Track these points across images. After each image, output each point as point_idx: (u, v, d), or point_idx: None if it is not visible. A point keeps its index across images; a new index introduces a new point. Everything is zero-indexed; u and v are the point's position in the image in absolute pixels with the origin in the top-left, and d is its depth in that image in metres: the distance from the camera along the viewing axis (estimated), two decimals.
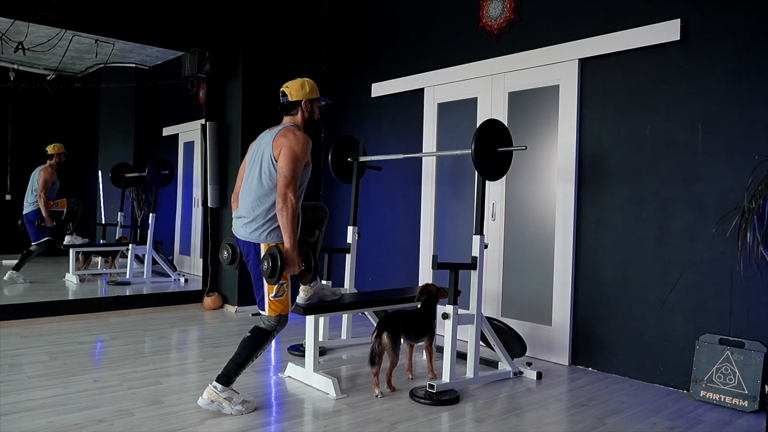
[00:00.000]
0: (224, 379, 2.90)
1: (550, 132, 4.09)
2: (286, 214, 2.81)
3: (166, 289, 6.05)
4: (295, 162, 2.85)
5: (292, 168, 2.84)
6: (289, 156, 2.85)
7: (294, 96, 3.07)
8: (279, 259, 2.81)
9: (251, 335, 2.96)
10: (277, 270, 2.81)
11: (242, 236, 2.99)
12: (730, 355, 3.19)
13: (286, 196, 2.81)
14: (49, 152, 5.85)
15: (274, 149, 2.91)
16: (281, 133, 2.96)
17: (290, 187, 2.82)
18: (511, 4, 4.31)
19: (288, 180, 2.82)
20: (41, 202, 5.72)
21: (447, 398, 3.15)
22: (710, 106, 3.35)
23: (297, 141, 2.89)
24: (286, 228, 2.83)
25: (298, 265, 2.90)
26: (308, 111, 3.10)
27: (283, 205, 2.81)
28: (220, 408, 2.88)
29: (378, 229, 5.41)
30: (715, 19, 3.33)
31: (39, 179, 5.77)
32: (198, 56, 5.39)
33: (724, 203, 3.27)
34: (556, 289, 4.01)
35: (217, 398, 2.87)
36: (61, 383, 3.24)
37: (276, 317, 2.96)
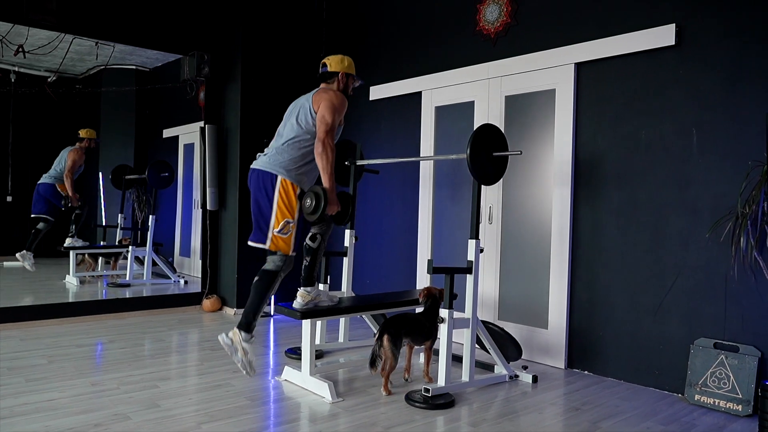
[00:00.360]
0: (245, 326, 3.15)
1: (547, 136, 4.10)
2: (325, 157, 3.08)
3: (166, 290, 6.07)
4: (335, 112, 3.14)
5: (333, 116, 3.12)
6: (329, 107, 3.13)
7: (333, 67, 3.39)
8: (323, 198, 3.08)
9: (259, 278, 3.19)
10: (320, 207, 3.08)
11: (262, 166, 3.20)
12: (725, 359, 3.20)
13: (325, 141, 3.08)
14: (81, 135, 5.95)
15: (313, 103, 3.20)
16: (321, 90, 3.28)
17: (329, 134, 3.10)
18: (507, 9, 4.32)
19: (328, 127, 3.10)
20: (68, 183, 5.80)
21: (442, 402, 3.17)
22: (704, 111, 3.36)
23: (336, 96, 3.22)
24: (326, 169, 3.09)
25: (337, 205, 3.17)
26: (343, 83, 3.40)
27: (323, 149, 3.08)
28: (234, 352, 3.14)
29: (376, 231, 5.43)
30: (709, 24, 3.34)
31: (67, 159, 5.85)
32: (197, 59, 5.41)
33: (718, 208, 3.28)
34: (553, 292, 4.03)
35: (238, 344, 3.14)
36: (58, 387, 3.26)
37: (283, 256, 3.18)
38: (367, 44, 5.58)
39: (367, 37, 5.58)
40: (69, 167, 5.83)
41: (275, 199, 3.15)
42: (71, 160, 5.85)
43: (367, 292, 5.35)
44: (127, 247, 6.30)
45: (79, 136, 5.96)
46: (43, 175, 5.87)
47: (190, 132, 6.48)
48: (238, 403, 3.12)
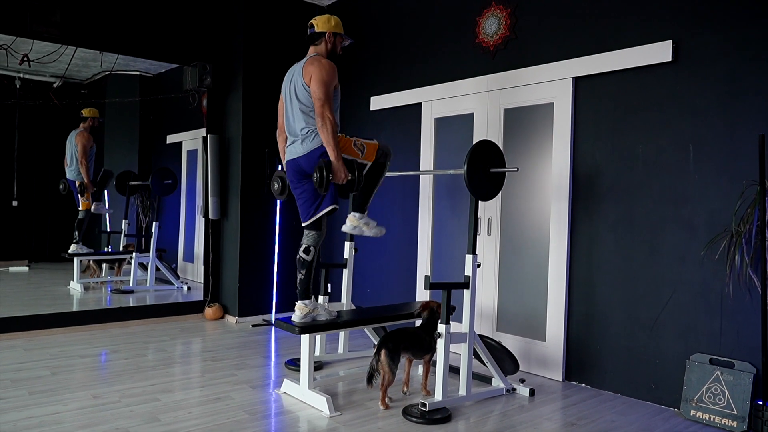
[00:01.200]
0: (359, 207, 3.55)
1: (545, 149, 4.12)
2: (326, 130, 3.22)
3: (169, 296, 6.12)
4: (326, 84, 3.25)
5: (324, 90, 3.24)
6: (318, 80, 3.24)
7: (320, 27, 3.48)
8: (326, 170, 3.22)
9: (370, 169, 3.50)
10: (325, 179, 3.22)
11: (303, 152, 3.36)
12: (720, 375, 3.22)
13: (323, 114, 3.22)
14: (84, 115, 6.00)
15: (304, 77, 3.32)
16: (308, 62, 3.37)
17: (326, 107, 3.22)
18: (506, 22, 4.34)
19: (322, 100, 3.23)
20: (83, 169, 5.89)
21: (439, 417, 3.20)
22: (701, 128, 3.38)
23: (323, 67, 3.30)
24: (329, 142, 3.22)
25: (345, 173, 3.28)
26: (331, 43, 3.50)
27: (323, 123, 3.22)
28: (361, 232, 3.56)
29: (375, 243, 5.45)
30: (706, 41, 3.35)
31: (77, 145, 5.90)
32: (199, 70, 5.45)
33: (713, 224, 3.30)
34: (551, 305, 4.05)
35: (358, 224, 3.52)
36: (60, 400, 3.31)
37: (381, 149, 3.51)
38: (368, 55, 5.61)
39: (367, 48, 5.61)
40: (81, 153, 5.88)
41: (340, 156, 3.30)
42: (81, 144, 5.89)
43: (367, 303, 5.39)
44: (132, 253, 6.36)
45: (82, 115, 5.99)
46: (67, 170, 5.91)
47: (194, 138, 6.52)
48: (237, 417, 3.16)
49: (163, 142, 6.93)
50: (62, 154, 6.03)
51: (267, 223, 5.65)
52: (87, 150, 5.91)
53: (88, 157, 5.91)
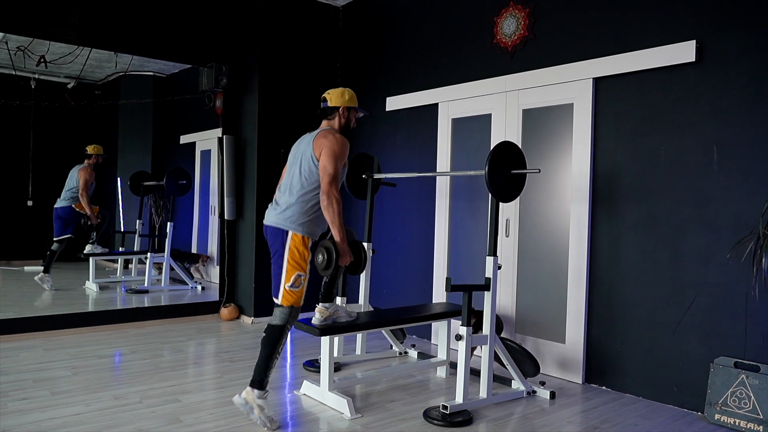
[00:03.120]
0: (257, 383, 3.03)
1: (564, 150, 4.09)
2: (332, 209, 3.00)
3: (184, 296, 6.15)
4: (336, 160, 3.03)
5: (334, 165, 3.02)
6: (330, 155, 3.02)
7: (333, 102, 3.26)
8: (334, 252, 3.04)
9: (267, 335, 3.08)
10: (333, 262, 3.05)
11: (273, 222, 3.13)
12: (746, 378, 3.18)
13: (330, 192, 3.00)
14: (89, 152, 6.06)
15: (314, 149, 3.09)
16: (321, 134, 3.14)
17: (333, 184, 3.01)
18: (525, 22, 4.32)
19: (331, 177, 3.01)
20: (84, 201, 5.93)
21: (460, 419, 3.18)
22: (725, 128, 3.34)
23: (337, 142, 3.08)
24: (334, 221, 3.02)
25: (349, 255, 3.12)
26: (345, 118, 3.29)
27: (329, 202, 3.00)
28: (250, 411, 3.01)
29: (391, 244, 5.45)
30: (730, 41, 3.32)
31: (79, 179, 5.96)
32: (215, 71, 5.46)
33: (738, 226, 3.26)
34: (570, 307, 4.02)
35: (252, 402, 3.01)
36: (83, 400, 3.32)
37: (288, 308, 3.06)
38: (384, 55, 5.60)
39: (383, 48, 5.59)
40: (82, 186, 5.93)
41: (286, 254, 3.05)
42: (83, 179, 5.95)
43: (383, 304, 5.38)
44: (146, 254, 6.38)
45: (86, 152, 6.05)
46: (58, 199, 5.96)
47: (207, 138, 6.54)
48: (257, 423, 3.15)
49: (177, 143, 6.96)
50: (78, 156, 6.07)
51: None
52: (88, 185, 5.99)
53: (88, 190, 5.97)
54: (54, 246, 5.86)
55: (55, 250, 5.87)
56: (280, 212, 3.12)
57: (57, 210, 5.98)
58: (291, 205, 3.10)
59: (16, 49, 5.42)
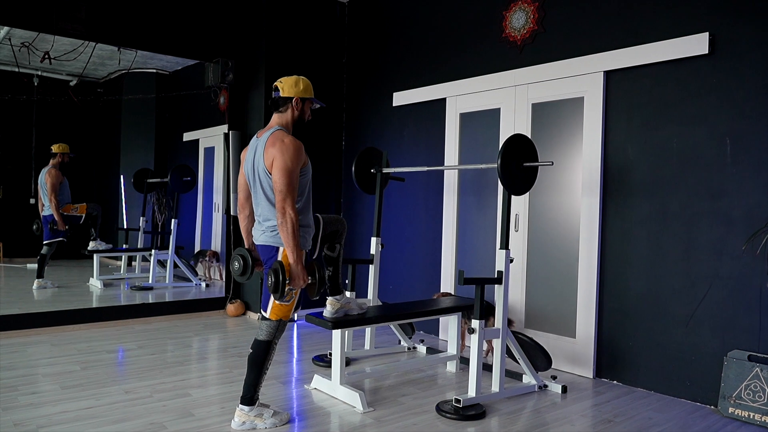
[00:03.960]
0: (247, 400, 2.93)
1: (575, 144, 4.08)
2: (286, 229, 2.74)
3: (188, 293, 6.12)
4: (289, 174, 2.76)
5: (287, 181, 2.75)
6: (281, 168, 2.75)
7: (286, 92, 2.95)
8: (281, 274, 2.76)
9: (253, 350, 2.95)
10: (280, 285, 2.76)
11: (263, 242, 2.94)
12: (760, 372, 3.17)
13: (284, 210, 2.74)
14: (54, 151, 5.83)
15: (265, 161, 2.82)
16: (269, 142, 2.83)
17: (287, 201, 2.74)
18: (534, 16, 4.30)
19: (284, 194, 2.74)
20: (52, 206, 5.73)
21: (473, 413, 3.17)
22: (738, 120, 3.33)
23: (286, 150, 2.78)
24: (288, 242, 2.75)
25: (304, 279, 2.84)
26: (299, 110, 2.99)
27: (283, 220, 2.74)
28: (253, 427, 2.92)
29: (399, 239, 5.43)
30: (744, 33, 3.30)
31: (46, 183, 5.77)
32: (221, 66, 5.45)
33: (752, 218, 3.25)
34: (581, 301, 4.01)
35: (248, 418, 2.92)
36: (93, 395, 3.30)
37: (276, 322, 2.93)
38: (390, 50, 5.58)
39: (389, 43, 5.58)
40: (50, 189, 5.73)
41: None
42: (49, 183, 5.74)
43: (389, 299, 5.36)
44: (150, 251, 6.36)
45: (51, 152, 5.84)
46: (43, 207, 5.83)
47: (211, 135, 6.52)
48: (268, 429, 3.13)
49: (180, 140, 6.93)
50: (80, 152, 6.03)
51: None
52: (56, 187, 5.77)
53: (57, 194, 5.78)
54: (43, 249, 5.72)
55: (45, 253, 5.73)
56: (266, 229, 2.92)
57: (45, 218, 5.88)
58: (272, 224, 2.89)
59: (20, 45, 5.39)
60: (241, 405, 2.94)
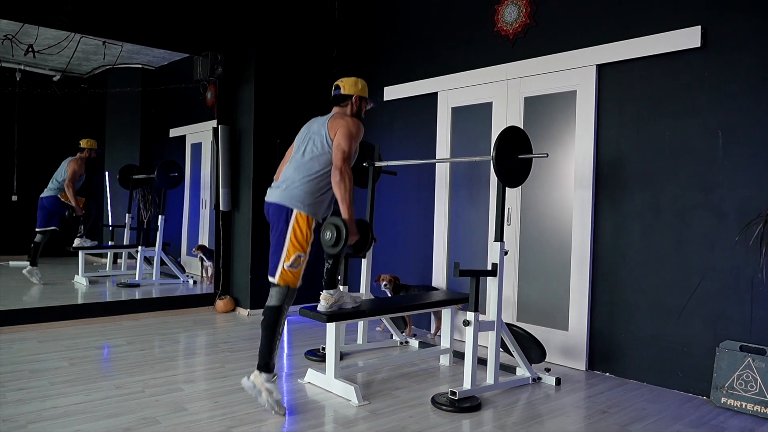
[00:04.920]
0: (263, 366, 3.03)
1: (567, 137, 4.09)
2: (343, 186, 2.99)
3: (175, 290, 6.05)
4: (352, 140, 3.06)
5: (350, 144, 3.04)
6: (346, 134, 3.05)
7: (347, 90, 3.29)
8: (344, 229, 2.96)
9: (265, 317, 3.08)
10: (342, 239, 2.96)
11: (277, 199, 3.10)
12: (752, 362, 3.20)
13: (342, 169, 3.00)
14: (82, 145, 5.93)
15: (329, 129, 3.11)
16: (338, 115, 3.19)
17: (346, 162, 3.01)
18: (527, 9, 4.31)
19: (345, 154, 3.02)
20: (69, 192, 5.78)
21: (469, 405, 3.16)
22: (730, 114, 3.36)
23: (354, 123, 3.13)
24: (344, 199, 3.00)
25: (356, 234, 3.09)
26: (357, 106, 3.30)
27: (341, 178, 2.99)
28: (258, 395, 3.01)
29: (390, 233, 5.41)
30: (736, 26, 3.33)
31: (68, 169, 5.82)
32: (210, 60, 5.38)
33: (744, 211, 3.28)
34: (573, 294, 4.02)
35: (260, 386, 3.00)
36: (83, 390, 3.24)
37: (284, 288, 3.06)
38: (381, 44, 5.56)
39: (380, 37, 5.56)
40: (69, 177, 5.80)
41: (289, 232, 3.04)
42: (71, 170, 5.82)
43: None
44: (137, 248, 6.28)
45: (79, 146, 5.94)
46: (45, 189, 5.83)
47: (198, 132, 6.45)
48: (264, 407, 3.10)
49: (166, 136, 6.86)
50: (63, 148, 5.94)
51: None
52: (76, 176, 5.86)
53: (75, 182, 5.86)
54: (37, 237, 5.70)
55: (39, 241, 5.72)
56: (284, 190, 3.10)
57: (42, 200, 5.83)
58: (298, 185, 3.08)
59: (3, 38, 5.28)
60: (258, 370, 3.03)
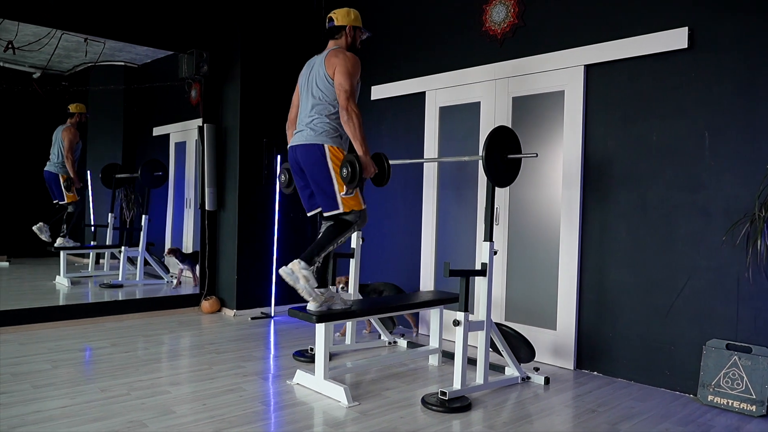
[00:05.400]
0: (307, 259, 3.14)
1: (555, 137, 4.11)
2: (353, 124, 3.10)
3: (159, 291, 5.97)
4: (351, 77, 3.15)
5: (350, 82, 3.13)
6: (344, 72, 3.13)
7: (340, 21, 3.39)
8: (357, 164, 3.09)
9: (334, 225, 3.24)
10: (356, 175, 3.09)
11: (306, 140, 3.21)
12: (738, 360, 3.24)
13: (348, 107, 3.10)
14: (71, 110, 5.82)
15: (327, 69, 3.20)
16: (332, 53, 3.25)
17: (351, 100, 3.12)
18: (515, 9, 4.32)
19: (348, 93, 3.12)
20: (69, 164, 5.71)
21: (459, 405, 3.16)
22: (717, 115, 3.39)
23: (349, 59, 3.20)
24: (356, 136, 3.11)
25: (373, 167, 3.19)
26: (351, 37, 3.42)
27: (348, 117, 3.10)
28: (296, 280, 3.10)
29: (378, 233, 5.39)
30: (723, 28, 3.36)
31: (63, 140, 5.74)
32: (196, 58, 5.32)
33: (730, 211, 3.31)
34: (561, 293, 4.04)
35: (298, 272, 3.09)
36: (67, 393, 3.18)
37: (357, 214, 3.24)
38: (368, 43, 5.49)
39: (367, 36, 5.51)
40: (67, 147, 5.74)
41: (330, 166, 3.19)
42: (67, 139, 5.74)
43: None
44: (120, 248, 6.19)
45: (69, 111, 5.83)
46: (47, 163, 5.74)
47: (182, 130, 6.38)
48: (253, 408, 3.07)
49: (149, 135, 6.76)
50: (43, 146, 5.83)
51: (266, 214, 5.55)
52: (73, 145, 5.77)
53: (74, 152, 5.75)
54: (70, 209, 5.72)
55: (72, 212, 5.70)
56: (310, 131, 3.22)
57: (45, 174, 5.75)
58: (319, 124, 3.20)
59: None
60: (299, 259, 3.13)
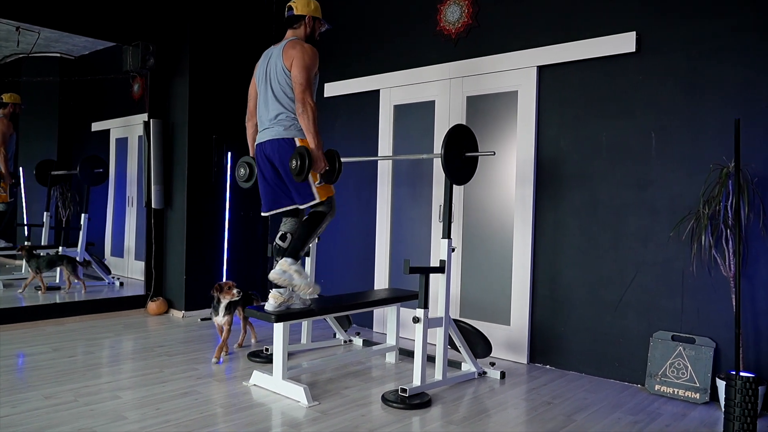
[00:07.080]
0: (293, 254, 3.19)
1: (509, 136, 4.19)
2: (307, 117, 3.12)
3: (100, 293, 5.72)
4: (307, 70, 3.16)
5: (306, 75, 3.14)
6: (299, 65, 3.14)
7: (299, 10, 3.38)
8: (307, 157, 3.08)
9: (309, 218, 3.29)
10: (305, 167, 3.09)
11: (276, 135, 3.23)
12: (683, 350, 3.39)
13: (304, 100, 3.12)
14: (5, 101, 5.44)
15: (284, 60, 3.21)
16: (289, 45, 3.25)
17: (307, 92, 3.13)
18: (469, 10, 4.37)
19: (303, 86, 3.13)
20: (0, 159, 5.35)
21: (419, 402, 3.17)
22: (663, 116, 3.54)
23: (305, 51, 3.20)
24: (309, 129, 3.12)
25: (324, 162, 3.19)
26: (310, 27, 3.43)
27: (303, 110, 3.12)
28: (291, 279, 3.13)
29: (331, 232, 5.35)
30: (668, 34, 3.51)
31: None
32: (141, 50, 5.12)
33: (675, 208, 3.47)
34: (515, 289, 4.12)
35: (289, 269, 3.13)
36: (8, 402, 2.99)
37: (327, 200, 3.28)
38: (321, 39, 5.43)
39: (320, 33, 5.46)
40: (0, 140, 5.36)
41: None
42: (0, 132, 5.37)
43: (324, 292, 5.26)
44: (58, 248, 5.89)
45: (2, 101, 5.45)
46: None
47: (123, 126, 6.14)
48: (210, 411, 2.98)
49: (88, 130, 6.48)
50: None
51: (215, 213, 5.41)
52: (6, 138, 5.42)
53: (7, 146, 5.41)
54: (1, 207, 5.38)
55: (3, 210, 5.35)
56: (279, 127, 3.23)
57: None
58: (286, 118, 3.23)
59: None
60: (285, 257, 3.18)
